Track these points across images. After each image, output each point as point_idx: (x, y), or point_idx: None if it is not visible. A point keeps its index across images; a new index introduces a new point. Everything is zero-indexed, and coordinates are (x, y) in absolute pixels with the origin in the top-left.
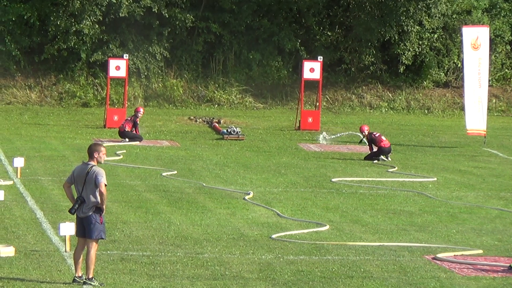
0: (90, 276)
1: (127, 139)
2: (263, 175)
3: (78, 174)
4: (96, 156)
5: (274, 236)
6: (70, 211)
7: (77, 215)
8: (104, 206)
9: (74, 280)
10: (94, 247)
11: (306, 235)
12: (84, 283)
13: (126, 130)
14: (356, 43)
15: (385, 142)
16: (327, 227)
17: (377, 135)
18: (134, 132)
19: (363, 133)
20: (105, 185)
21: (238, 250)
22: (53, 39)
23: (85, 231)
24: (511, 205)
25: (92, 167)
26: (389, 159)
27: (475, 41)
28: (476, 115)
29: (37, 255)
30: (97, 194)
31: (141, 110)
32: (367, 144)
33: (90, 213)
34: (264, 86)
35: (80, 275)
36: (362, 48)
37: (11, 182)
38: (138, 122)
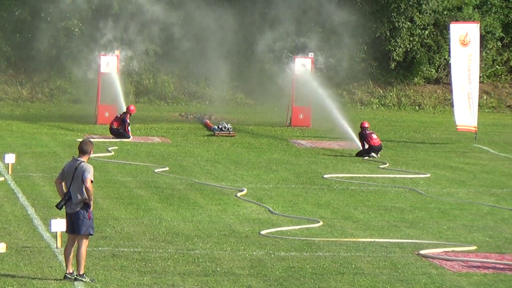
0: (81, 272)
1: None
2: (254, 171)
3: (67, 170)
4: (88, 155)
5: (263, 232)
6: (57, 206)
7: (66, 211)
8: (91, 202)
9: (65, 277)
10: (84, 243)
11: (297, 231)
12: (76, 279)
13: (114, 127)
14: (347, 40)
15: (375, 140)
16: (320, 223)
17: (367, 133)
18: (123, 130)
19: (363, 127)
20: (91, 181)
21: (229, 247)
22: (44, 36)
23: (74, 227)
24: (502, 201)
25: (80, 163)
26: (378, 155)
27: (464, 37)
28: (465, 111)
29: (29, 251)
30: (84, 190)
31: (132, 107)
32: (359, 140)
33: (78, 209)
34: (255, 82)
35: (71, 271)
36: (353, 44)
37: (1, 179)
38: (127, 120)
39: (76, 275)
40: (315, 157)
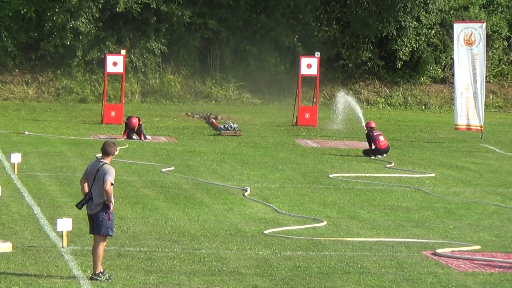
0: (97, 272)
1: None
2: (260, 171)
3: (90, 171)
4: (112, 157)
5: (266, 231)
6: (77, 205)
7: (87, 212)
8: (111, 204)
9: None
10: (101, 244)
11: (303, 230)
12: (91, 278)
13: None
14: (354, 39)
15: (383, 143)
16: (325, 223)
17: (375, 134)
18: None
19: (370, 127)
20: (112, 184)
21: (235, 246)
22: (50, 35)
23: (94, 227)
24: (508, 201)
25: (103, 164)
26: (384, 155)
27: (469, 36)
28: (469, 110)
29: (34, 250)
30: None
31: (134, 120)
32: (366, 140)
33: (98, 210)
34: (262, 82)
35: (102, 270)
36: (360, 44)
37: None
38: (135, 129)
39: (92, 274)
40: (321, 157)
